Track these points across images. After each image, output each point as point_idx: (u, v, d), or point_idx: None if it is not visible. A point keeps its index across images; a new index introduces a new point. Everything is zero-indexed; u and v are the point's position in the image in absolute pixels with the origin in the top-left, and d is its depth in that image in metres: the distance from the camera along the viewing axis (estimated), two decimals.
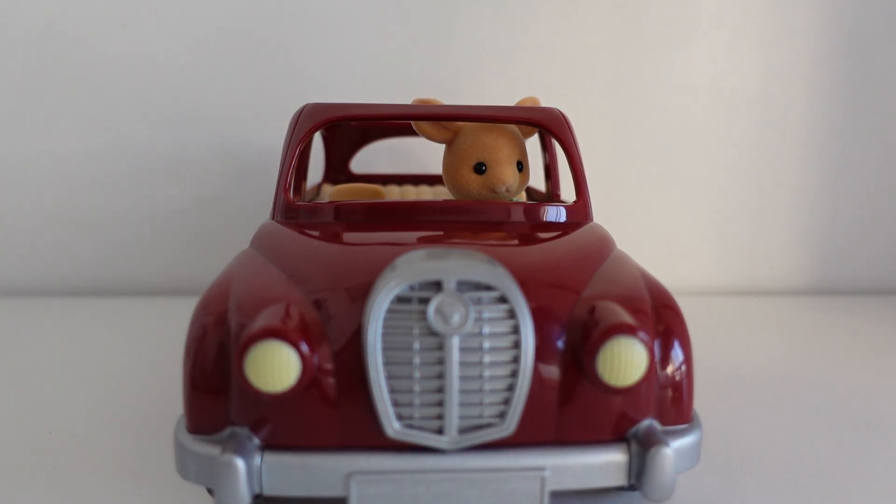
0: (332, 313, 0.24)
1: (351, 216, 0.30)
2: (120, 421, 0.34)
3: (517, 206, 0.31)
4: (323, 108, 0.32)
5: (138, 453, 0.31)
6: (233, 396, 0.23)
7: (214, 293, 0.25)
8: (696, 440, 0.25)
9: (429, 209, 0.30)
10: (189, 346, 0.24)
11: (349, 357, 0.23)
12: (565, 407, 0.24)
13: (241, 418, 0.23)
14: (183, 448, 0.24)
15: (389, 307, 0.22)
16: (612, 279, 0.27)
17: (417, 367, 0.23)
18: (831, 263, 0.70)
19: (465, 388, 0.23)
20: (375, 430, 0.23)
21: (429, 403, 0.23)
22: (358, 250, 0.27)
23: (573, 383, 0.24)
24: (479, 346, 0.23)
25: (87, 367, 0.42)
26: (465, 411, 0.23)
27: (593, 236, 0.30)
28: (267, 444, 0.23)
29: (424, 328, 0.22)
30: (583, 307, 0.25)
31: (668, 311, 0.26)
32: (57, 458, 0.30)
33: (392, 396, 0.23)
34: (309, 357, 0.22)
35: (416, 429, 0.23)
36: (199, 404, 0.24)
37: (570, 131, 0.33)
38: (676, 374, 0.25)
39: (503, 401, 0.23)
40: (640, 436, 0.24)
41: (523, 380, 0.23)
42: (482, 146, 0.32)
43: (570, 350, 0.24)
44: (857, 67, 0.66)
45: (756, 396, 0.39)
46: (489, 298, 0.23)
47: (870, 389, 0.41)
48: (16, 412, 0.36)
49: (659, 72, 0.65)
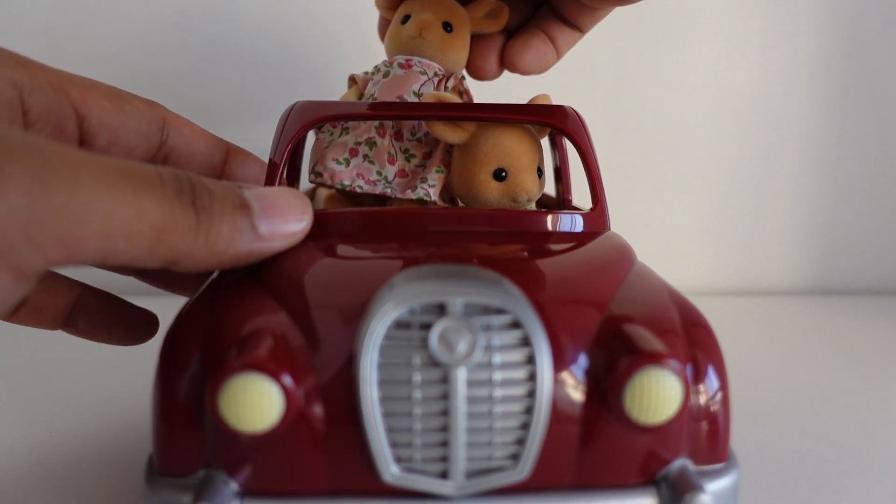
0: (320, 340, 0.21)
1: (344, 226, 0.27)
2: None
3: (529, 215, 0.28)
4: (314, 106, 0.29)
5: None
6: (208, 435, 0.21)
7: (189, 314, 0.22)
8: (734, 482, 0.22)
9: (431, 218, 0.27)
10: (159, 376, 0.21)
11: (340, 391, 0.20)
12: (587, 447, 0.21)
13: (216, 460, 0.21)
14: (151, 492, 0.21)
15: (386, 334, 0.20)
16: (638, 297, 0.24)
17: (418, 402, 0.20)
18: (831, 263, 0.70)
19: (473, 426, 0.20)
20: (370, 475, 0.20)
21: (431, 444, 0.20)
22: (351, 266, 0.24)
23: (596, 420, 0.21)
24: (488, 378, 0.20)
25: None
26: (473, 453, 0.20)
27: (613, 248, 0.27)
28: (246, 490, 0.20)
29: (426, 358, 0.20)
30: (607, 331, 0.22)
31: (700, 331, 0.23)
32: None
33: (389, 436, 0.20)
34: (293, 391, 0.19)
35: (417, 473, 0.20)
36: (170, 443, 0.21)
37: (586, 131, 0.30)
38: (711, 404, 0.22)
39: (516, 441, 0.20)
40: (671, 479, 0.21)
41: (539, 417, 0.20)
42: (504, 151, 0.29)
43: (593, 381, 0.21)
44: (856, 67, 0.66)
45: (755, 396, 0.39)
46: (500, 324, 0.20)
47: (869, 389, 0.41)
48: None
49: (659, 72, 0.64)
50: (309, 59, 0.59)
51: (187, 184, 0.20)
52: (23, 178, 0.16)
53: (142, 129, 0.28)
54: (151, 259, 0.20)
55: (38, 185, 0.16)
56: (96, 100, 0.27)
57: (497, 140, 0.29)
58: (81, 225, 0.17)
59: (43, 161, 0.17)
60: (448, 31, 0.33)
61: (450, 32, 0.33)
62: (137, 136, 0.28)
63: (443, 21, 0.33)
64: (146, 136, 0.28)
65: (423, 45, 0.32)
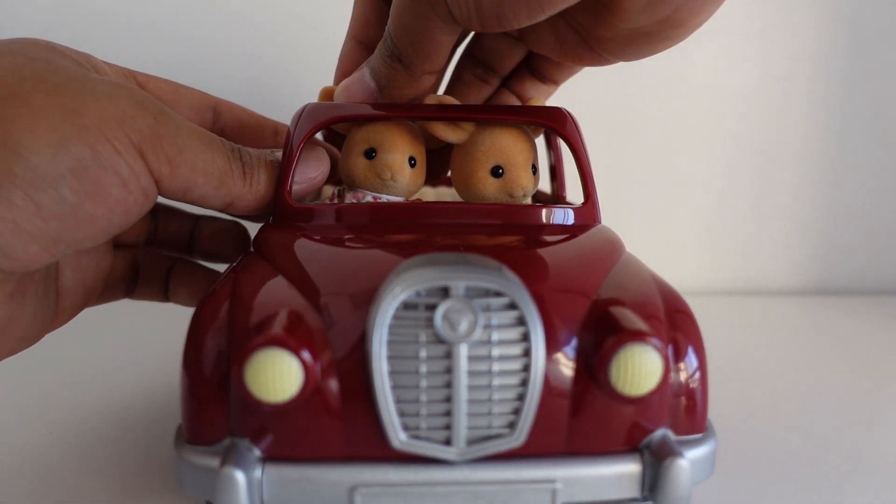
0: (335, 320, 0.23)
1: (354, 218, 0.29)
2: (119, 427, 0.34)
3: (525, 209, 0.30)
4: (324, 108, 0.31)
5: (136, 462, 0.30)
6: (233, 406, 0.23)
7: (213, 299, 0.24)
8: (711, 450, 0.24)
9: (434, 211, 0.29)
10: (187, 354, 0.23)
11: (353, 365, 0.22)
12: (577, 417, 0.23)
13: (241, 429, 0.23)
14: (181, 459, 0.23)
15: (395, 314, 0.22)
16: (624, 284, 0.26)
17: (424, 375, 0.22)
18: (831, 263, 0.70)
19: (474, 397, 0.22)
20: (380, 442, 0.22)
21: (436, 413, 0.22)
22: (362, 254, 0.26)
23: (585, 392, 0.23)
24: (487, 354, 0.22)
25: (86, 369, 0.42)
26: (474, 422, 0.22)
27: (603, 239, 0.29)
28: (268, 456, 0.22)
29: (431, 336, 0.22)
30: (595, 313, 0.24)
31: (682, 317, 0.25)
32: (51, 466, 0.30)
33: (398, 406, 0.22)
34: (311, 366, 0.21)
35: (423, 440, 0.22)
36: (198, 414, 0.23)
37: (578, 131, 0.32)
38: (690, 381, 0.24)
39: (513, 411, 0.22)
40: (653, 446, 0.23)
41: (533, 389, 0.22)
42: (500, 149, 0.31)
43: (582, 358, 0.23)
44: (856, 67, 0.66)
45: (755, 396, 0.39)
46: (498, 305, 0.22)
47: (869, 389, 0.41)
48: (11, 414, 0.35)
49: (659, 72, 0.64)
50: (313, 58, 0.61)
51: (236, 147, 0.28)
52: (154, 111, 0.25)
53: (195, 107, 0.32)
54: (216, 196, 0.27)
55: (161, 119, 0.25)
56: (156, 83, 0.32)
57: (494, 139, 0.31)
58: (182, 151, 0.25)
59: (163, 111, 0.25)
60: (413, 167, 0.31)
61: (414, 167, 0.31)
62: (191, 113, 0.33)
63: (409, 157, 0.31)
64: (199, 113, 0.33)
65: (392, 187, 0.31)
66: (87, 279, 0.30)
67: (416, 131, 0.32)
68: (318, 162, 0.30)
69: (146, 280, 0.35)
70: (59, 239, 0.23)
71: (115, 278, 0.33)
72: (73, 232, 0.23)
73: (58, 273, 0.28)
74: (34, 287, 0.26)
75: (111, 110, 0.23)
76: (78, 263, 0.29)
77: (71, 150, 0.22)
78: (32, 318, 0.26)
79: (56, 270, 0.28)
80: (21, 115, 0.22)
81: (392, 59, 0.28)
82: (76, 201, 0.23)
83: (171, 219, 0.35)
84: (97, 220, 0.23)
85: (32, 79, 0.23)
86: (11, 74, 0.23)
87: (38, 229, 0.22)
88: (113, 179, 0.23)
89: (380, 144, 0.31)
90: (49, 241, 0.23)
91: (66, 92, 0.23)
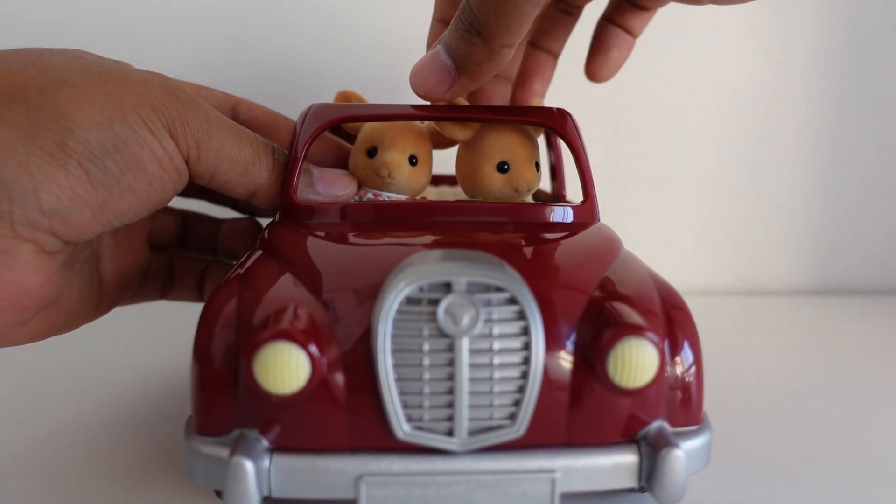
0: (340, 315, 0.24)
1: (358, 216, 0.30)
2: (127, 421, 0.34)
3: (525, 207, 0.30)
4: (329, 108, 0.31)
5: (146, 454, 0.31)
6: (241, 398, 0.23)
7: (222, 294, 0.25)
8: (706, 442, 0.25)
9: (436, 209, 0.30)
10: (198, 347, 0.24)
11: (358, 358, 0.23)
12: (575, 408, 0.24)
13: (249, 420, 0.23)
14: (191, 449, 0.24)
15: (399, 308, 0.22)
16: (622, 280, 0.27)
17: (427, 368, 0.22)
18: (831, 263, 0.70)
19: (475, 389, 0.23)
20: (385, 432, 0.23)
21: (439, 405, 0.23)
22: (366, 251, 0.27)
23: (583, 385, 0.23)
24: (488, 347, 0.22)
25: (92, 366, 0.42)
26: (475, 413, 0.23)
27: (601, 237, 0.30)
28: (276, 446, 0.23)
29: (434, 329, 0.22)
30: (593, 308, 0.24)
31: (678, 312, 0.26)
32: (60, 459, 0.30)
33: (402, 398, 0.23)
34: (318, 358, 0.22)
35: (426, 431, 0.23)
36: (208, 406, 0.24)
37: (577, 131, 0.33)
38: (686, 375, 0.25)
39: (513, 402, 0.23)
40: (650, 438, 0.24)
41: (533, 381, 0.23)
42: (506, 146, 0.32)
43: (581, 351, 0.24)
44: (855, 68, 0.66)
45: (755, 396, 0.39)
46: (499, 300, 0.23)
47: (869, 389, 0.41)
48: (18, 411, 0.36)
49: (659, 71, 0.64)
50: (317, 58, 0.61)
51: (269, 144, 0.30)
52: (183, 99, 0.27)
53: (216, 107, 0.33)
54: (240, 183, 0.29)
55: (190, 107, 0.27)
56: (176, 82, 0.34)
57: (499, 137, 0.32)
58: (209, 137, 0.28)
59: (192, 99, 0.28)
60: (413, 165, 0.32)
61: (415, 165, 0.32)
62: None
63: (409, 156, 0.32)
64: (221, 110, 0.35)
65: (391, 184, 0.31)
66: (124, 270, 0.32)
67: (421, 131, 0.33)
68: (345, 184, 0.32)
69: (181, 281, 0.37)
70: (107, 207, 0.26)
71: (151, 276, 0.36)
72: (117, 201, 0.26)
73: (98, 262, 0.31)
74: (80, 266, 0.29)
75: (146, 96, 0.26)
76: (115, 255, 0.32)
77: (114, 129, 0.25)
78: (79, 296, 0.29)
79: (97, 257, 0.31)
80: (73, 99, 0.25)
81: (470, 32, 0.27)
82: (118, 173, 0.25)
83: (199, 222, 0.38)
84: (137, 192, 0.26)
85: (80, 69, 0.26)
86: (63, 66, 0.26)
87: (91, 196, 0.25)
88: (149, 157, 0.26)
89: (380, 143, 0.32)
90: (98, 208, 0.25)
91: (109, 79, 0.26)
